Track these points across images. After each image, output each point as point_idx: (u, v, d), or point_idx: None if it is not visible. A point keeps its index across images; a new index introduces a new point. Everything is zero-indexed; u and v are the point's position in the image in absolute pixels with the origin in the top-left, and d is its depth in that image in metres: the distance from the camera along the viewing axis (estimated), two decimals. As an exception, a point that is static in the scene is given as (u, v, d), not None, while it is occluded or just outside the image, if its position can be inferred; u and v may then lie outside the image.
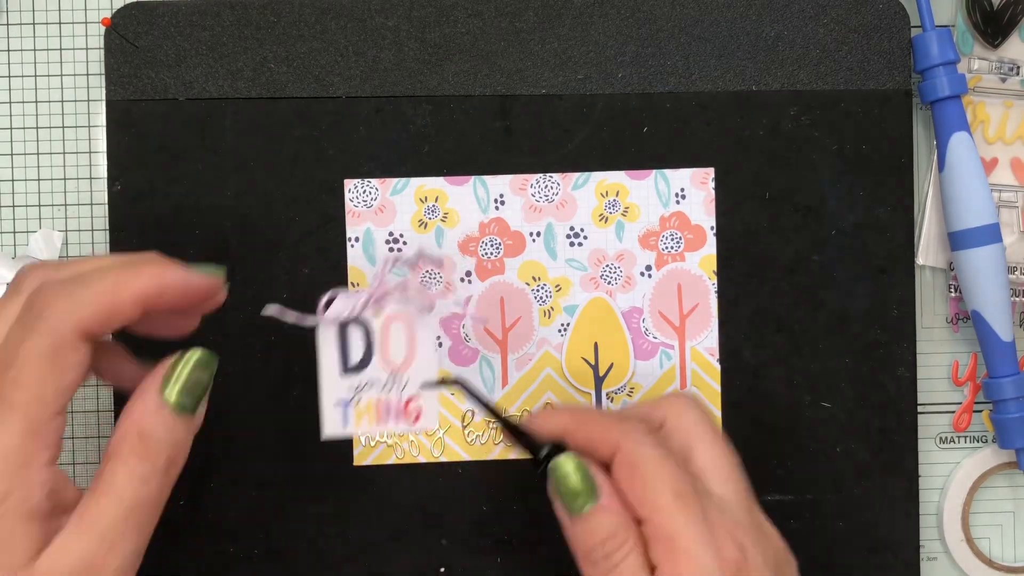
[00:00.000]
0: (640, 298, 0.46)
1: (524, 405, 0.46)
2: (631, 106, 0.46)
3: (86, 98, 0.47)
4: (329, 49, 0.46)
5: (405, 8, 0.46)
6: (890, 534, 0.47)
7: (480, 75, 0.46)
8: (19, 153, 0.46)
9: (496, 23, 0.46)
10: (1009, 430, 0.46)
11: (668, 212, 0.46)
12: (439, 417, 0.40)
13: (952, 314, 0.48)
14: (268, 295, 0.45)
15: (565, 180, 0.46)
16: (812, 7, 0.46)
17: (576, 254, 0.46)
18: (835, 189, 0.46)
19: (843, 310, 0.46)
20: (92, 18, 0.47)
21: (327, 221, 0.46)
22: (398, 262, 0.41)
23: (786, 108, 0.46)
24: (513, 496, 0.46)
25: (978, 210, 0.45)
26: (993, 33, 0.47)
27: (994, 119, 0.48)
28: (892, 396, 0.46)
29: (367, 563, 0.46)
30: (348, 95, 0.46)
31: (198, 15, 0.45)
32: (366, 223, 0.46)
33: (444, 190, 0.46)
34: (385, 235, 0.46)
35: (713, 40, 0.46)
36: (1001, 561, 0.49)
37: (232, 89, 0.46)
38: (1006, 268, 0.46)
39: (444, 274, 0.46)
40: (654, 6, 0.46)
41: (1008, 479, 0.49)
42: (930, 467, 0.48)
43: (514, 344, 0.46)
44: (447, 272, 0.46)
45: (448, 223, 0.46)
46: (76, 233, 0.47)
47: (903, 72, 0.47)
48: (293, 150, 0.46)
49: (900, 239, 0.47)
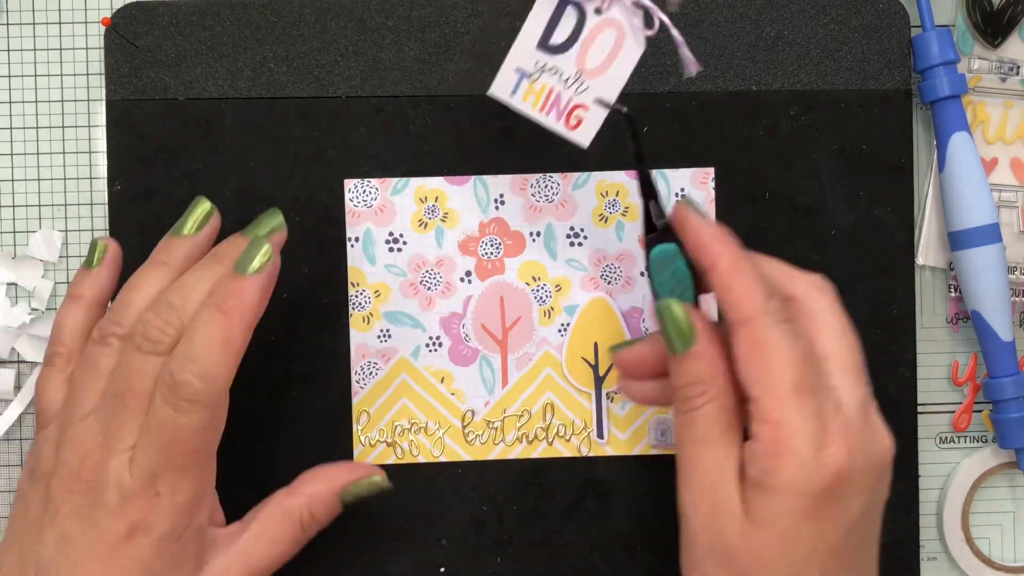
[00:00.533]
0: (640, 298, 0.46)
1: (524, 405, 0.46)
2: (631, 106, 0.46)
3: (86, 98, 0.47)
4: (329, 49, 0.46)
5: (405, 8, 0.46)
6: (890, 534, 0.46)
7: (480, 75, 0.46)
8: (19, 153, 0.46)
9: (496, 23, 0.46)
10: (1009, 430, 0.46)
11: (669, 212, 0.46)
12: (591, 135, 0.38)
13: (952, 314, 0.48)
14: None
15: (565, 180, 0.46)
16: (812, 7, 0.46)
17: (576, 254, 0.46)
18: (835, 189, 0.46)
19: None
20: (92, 18, 0.47)
21: (327, 221, 0.46)
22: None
23: (786, 108, 0.46)
24: (513, 496, 0.46)
25: (978, 210, 0.45)
26: (993, 33, 0.47)
27: (994, 119, 0.48)
28: (892, 396, 0.46)
29: (367, 563, 0.46)
30: (348, 95, 0.46)
31: (198, 15, 0.45)
32: (366, 223, 0.46)
33: (444, 190, 0.46)
34: (385, 235, 0.46)
35: (713, 40, 0.46)
36: (1001, 561, 0.49)
37: (232, 89, 0.46)
38: (1006, 268, 0.46)
39: None
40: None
41: (1008, 479, 0.49)
42: (930, 467, 0.48)
43: (514, 344, 0.46)
44: None
45: (448, 223, 0.46)
46: (76, 233, 0.47)
47: (903, 72, 0.47)
48: (293, 150, 0.46)
49: (900, 239, 0.47)
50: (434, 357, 0.46)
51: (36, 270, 0.46)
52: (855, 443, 0.36)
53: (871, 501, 0.38)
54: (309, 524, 0.41)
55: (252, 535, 0.41)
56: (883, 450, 0.38)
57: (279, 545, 0.41)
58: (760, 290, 0.37)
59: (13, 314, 0.46)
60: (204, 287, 0.38)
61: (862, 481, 0.37)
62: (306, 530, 0.41)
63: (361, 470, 0.43)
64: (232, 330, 0.37)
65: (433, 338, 0.46)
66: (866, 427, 0.37)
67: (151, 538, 0.37)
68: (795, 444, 0.36)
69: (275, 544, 0.41)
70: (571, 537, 0.46)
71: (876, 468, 0.38)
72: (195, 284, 0.38)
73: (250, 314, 0.37)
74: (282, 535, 0.41)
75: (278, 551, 0.41)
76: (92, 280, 0.42)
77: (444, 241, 0.46)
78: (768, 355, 0.37)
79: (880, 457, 0.38)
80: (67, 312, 0.41)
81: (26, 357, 0.46)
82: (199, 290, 0.38)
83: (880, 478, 0.38)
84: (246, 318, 0.37)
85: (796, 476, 0.36)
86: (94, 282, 0.42)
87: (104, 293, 0.42)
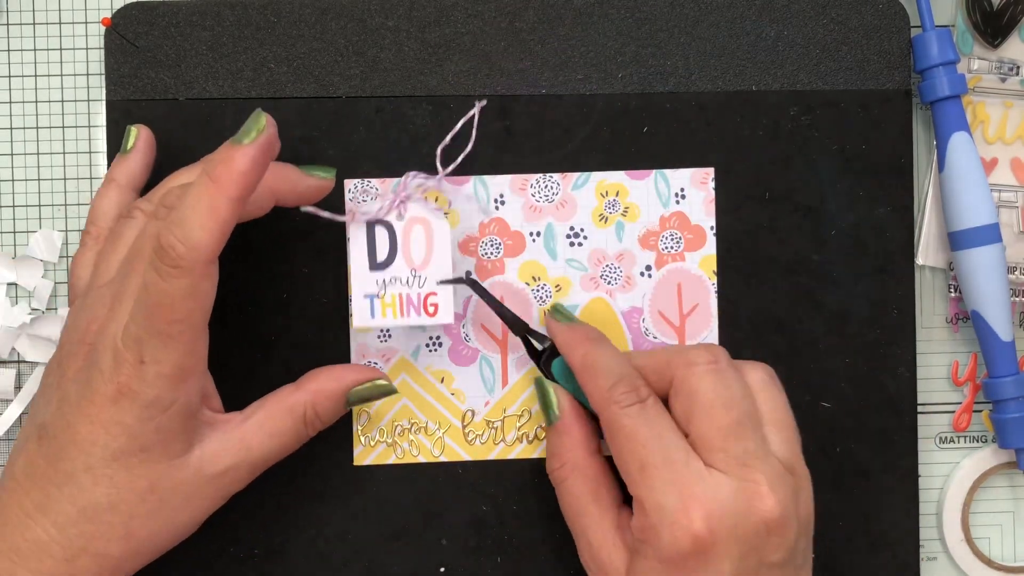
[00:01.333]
0: (640, 298, 0.46)
1: (524, 405, 0.46)
2: (631, 106, 0.46)
3: (86, 98, 0.47)
4: (329, 49, 0.46)
5: (405, 8, 0.46)
6: (890, 534, 0.47)
7: (480, 75, 0.46)
8: (19, 153, 0.46)
9: (496, 23, 0.46)
10: (1009, 430, 0.46)
11: (668, 212, 0.46)
12: (451, 312, 0.43)
13: (952, 314, 0.48)
14: (268, 295, 0.45)
15: (565, 180, 0.46)
16: (812, 7, 0.46)
17: (576, 254, 0.46)
18: (835, 189, 0.46)
19: (843, 310, 0.46)
20: (92, 18, 0.47)
21: (327, 221, 0.46)
22: (417, 176, 0.44)
23: (786, 108, 0.46)
24: (513, 496, 0.46)
25: (978, 210, 0.45)
26: (993, 33, 0.47)
27: (994, 119, 0.48)
28: (892, 396, 0.46)
29: (367, 563, 0.46)
30: (348, 95, 0.46)
31: (198, 15, 0.45)
32: (366, 223, 0.46)
33: (444, 190, 0.46)
34: (385, 235, 0.46)
35: (713, 40, 0.46)
36: (1001, 561, 0.49)
37: (232, 89, 0.46)
38: (1006, 268, 0.46)
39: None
40: (654, 6, 0.46)
41: (1008, 479, 0.49)
42: (930, 467, 0.48)
43: (514, 344, 0.46)
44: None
45: (448, 223, 0.46)
46: (76, 233, 0.47)
47: (903, 72, 0.47)
48: (293, 150, 0.46)
49: (900, 239, 0.47)
50: (434, 357, 0.46)
51: (36, 270, 0.46)
52: (717, 510, 0.38)
53: (748, 566, 0.38)
54: (312, 421, 0.42)
55: (253, 424, 0.41)
56: (760, 514, 0.38)
57: (279, 438, 0.41)
58: (605, 381, 0.41)
59: (13, 314, 0.46)
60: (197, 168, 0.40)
61: (728, 547, 0.38)
62: (308, 427, 0.42)
63: (368, 372, 0.43)
64: (218, 198, 0.36)
65: (433, 338, 0.46)
66: (739, 494, 0.38)
67: (136, 404, 0.37)
68: (651, 520, 0.38)
69: (275, 437, 0.41)
70: (571, 537, 0.46)
71: (748, 532, 0.38)
72: (195, 168, 0.40)
73: (238, 184, 0.36)
74: (284, 428, 0.41)
75: (278, 444, 0.41)
76: (125, 164, 0.43)
77: (444, 241, 0.46)
78: (618, 439, 0.40)
79: (754, 523, 0.38)
80: (101, 195, 0.43)
81: (26, 357, 0.46)
82: (195, 172, 0.39)
83: (757, 543, 0.38)
84: (234, 187, 0.36)
85: (657, 544, 0.38)
86: (127, 166, 0.43)
87: (136, 177, 0.43)
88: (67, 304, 0.43)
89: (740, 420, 0.39)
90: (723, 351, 0.41)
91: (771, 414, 0.41)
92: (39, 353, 0.46)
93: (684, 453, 0.39)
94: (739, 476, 0.38)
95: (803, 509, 0.40)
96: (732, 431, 0.39)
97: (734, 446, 0.39)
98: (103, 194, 0.43)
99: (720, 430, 0.39)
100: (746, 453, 0.39)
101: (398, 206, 0.44)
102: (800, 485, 0.40)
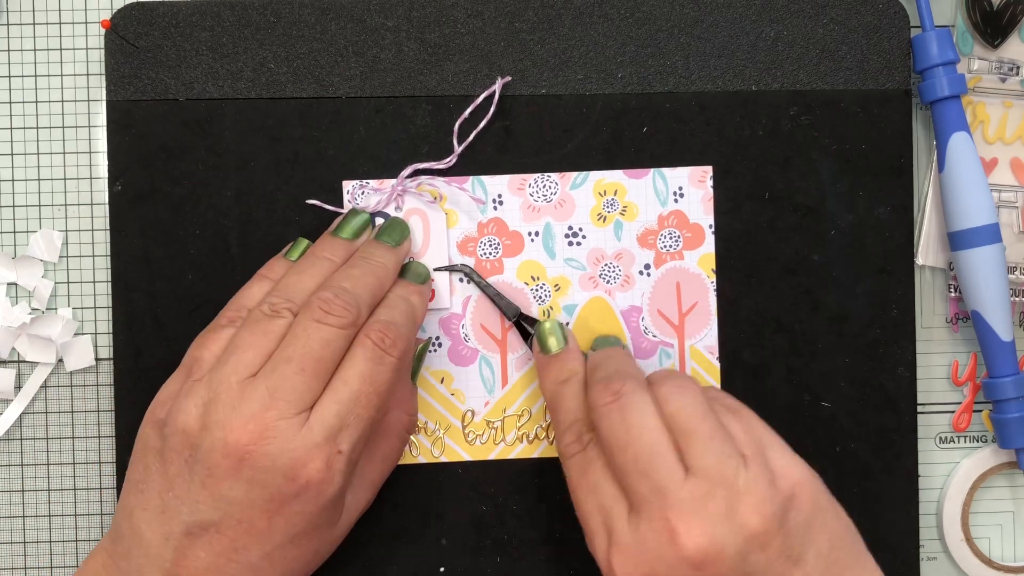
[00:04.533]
0: (639, 297, 0.46)
1: (524, 405, 0.46)
2: (630, 106, 0.46)
3: (86, 98, 0.47)
4: (329, 49, 0.46)
5: (405, 8, 0.46)
6: (890, 534, 0.46)
7: (480, 75, 0.46)
8: (19, 153, 0.47)
9: (496, 23, 0.46)
10: (1009, 430, 0.46)
11: (666, 211, 0.46)
12: (448, 298, 0.45)
13: (952, 314, 0.48)
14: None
15: (563, 179, 0.46)
16: (812, 7, 0.46)
17: (575, 253, 0.46)
18: (835, 189, 0.46)
19: (843, 310, 0.46)
20: (92, 18, 0.47)
21: (327, 221, 0.46)
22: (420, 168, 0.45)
23: (786, 108, 0.46)
24: (513, 496, 0.46)
25: (978, 210, 0.45)
26: (993, 33, 0.47)
27: (994, 119, 0.48)
28: (892, 396, 0.46)
29: (367, 563, 0.46)
30: (348, 95, 0.46)
31: (198, 15, 0.45)
32: (366, 223, 0.46)
33: (443, 190, 0.46)
34: (385, 235, 0.46)
35: (713, 40, 0.46)
36: (1001, 561, 0.49)
37: (232, 89, 0.46)
38: (1006, 268, 0.46)
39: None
40: (654, 6, 0.46)
41: (1008, 479, 0.49)
42: (930, 467, 0.48)
43: (514, 344, 0.46)
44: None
45: (447, 223, 0.46)
46: (76, 233, 0.47)
47: (903, 72, 0.47)
48: (293, 150, 0.46)
49: (900, 239, 0.47)
50: (434, 357, 0.46)
51: (36, 270, 0.46)
52: (643, 563, 0.37)
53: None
54: (408, 426, 0.45)
55: (365, 457, 0.43)
56: (680, 555, 0.37)
57: (392, 460, 0.45)
58: (560, 426, 0.42)
59: (13, 314, 0.46)
60: (369, 280, 0.42)
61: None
62: (407, 434, 0.45)
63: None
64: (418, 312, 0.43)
65: (433, 338, 0.46)
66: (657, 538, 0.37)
67: (324, 497, 0.39)
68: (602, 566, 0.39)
69: (387, 460, 0.45)
70: (571, 537, 0.46)
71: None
72: (360, 277, 0.42)
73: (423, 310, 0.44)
74: (390, 448, 0.45)
75: (390, 466, 0.45)
76: (280, 270, 0.44)
77: (444, 241, 0.46)
78: (570, 486, 0.41)
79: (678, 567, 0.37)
80: (253, 286, 0.43)
81: (26, 357, 0.46)
82: (365, 282, 0.42)
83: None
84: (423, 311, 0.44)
85: (621, 570, 0.38)
86: (281, 272, 0.44)
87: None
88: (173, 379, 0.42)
89: (637, 456, 0.38)
90: (633, 378, 0.40)
91: (683, 424, 0.39)
92: (39, 353, 0.46)
93: (611, 500, 0.39)
94: (651, 518, 0.37)
95: (746, 518, 0.37)
96: (634, 470, 0.38)
97: (638, 485, 0.38)
98: (254, 285, 0.43)
99: (623, 471, 0.38)
100: (653, 491, 0.37)
101: (396, 199, 0.45)
102: (738, 492, 0.37)
